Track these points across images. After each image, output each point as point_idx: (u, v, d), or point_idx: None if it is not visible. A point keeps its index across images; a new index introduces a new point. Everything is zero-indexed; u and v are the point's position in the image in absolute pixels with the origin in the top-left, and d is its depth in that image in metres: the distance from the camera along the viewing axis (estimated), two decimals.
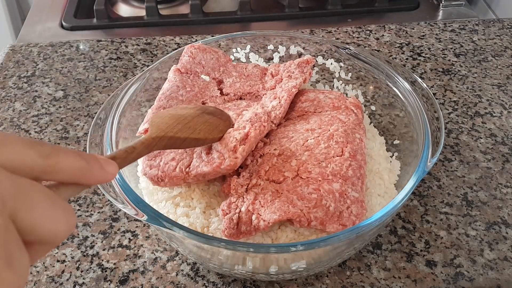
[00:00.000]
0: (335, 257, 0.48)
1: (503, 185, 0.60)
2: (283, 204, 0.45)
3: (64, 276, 0.51)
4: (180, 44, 0.84)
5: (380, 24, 0.89)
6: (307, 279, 0.51)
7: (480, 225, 0.56)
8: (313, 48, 0.64)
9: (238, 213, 0.46)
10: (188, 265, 0.52)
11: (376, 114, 0.62)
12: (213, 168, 0.46)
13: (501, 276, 0.51)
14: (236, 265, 0.46)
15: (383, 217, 0.43)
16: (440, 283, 0.50)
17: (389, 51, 0.83)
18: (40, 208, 0.24)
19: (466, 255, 0.53)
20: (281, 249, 0.41)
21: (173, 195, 0.50)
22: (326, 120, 0.54)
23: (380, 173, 0.54)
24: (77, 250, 0.53)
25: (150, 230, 0.55)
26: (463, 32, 0.87)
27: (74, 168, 0.27)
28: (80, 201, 0.58)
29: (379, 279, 0.51)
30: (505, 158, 0.64)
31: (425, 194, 0.59)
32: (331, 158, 0.50)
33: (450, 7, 0.97)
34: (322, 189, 0.47)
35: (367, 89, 0.63)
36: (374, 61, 0.60)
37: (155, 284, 0.50)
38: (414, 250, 0.53)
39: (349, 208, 0.47)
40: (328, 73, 0.65)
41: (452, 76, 0.77)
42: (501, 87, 0.75)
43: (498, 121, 0.70)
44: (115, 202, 0.44)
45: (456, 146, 0.66)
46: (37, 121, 0.69)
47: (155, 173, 0.49)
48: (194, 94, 0.57)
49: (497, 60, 0.81)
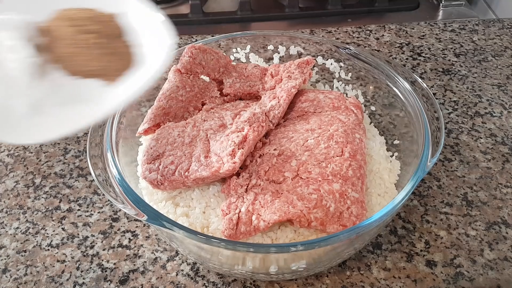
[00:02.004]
0: (335, 257, 0.48)
1: (503, 185, 0.60)
2: (283, 205, 0.45)
3: (64, 276, 0.51)
4: (180, 44, 0.84)
5: (380, 24, 0.89)
6: (307, 279, 0.51)
7: (480, 225, 0.56)
8: (313, 48, 0.64)
9: (238, 214, 0.46)
10: (188, 265, 0.52)
11: (376, 114, 0.62)
12: (212, 173, 0.47)
13: (501, 276, 0.51)
14: (236, 265, 0.46)
15: (383, 217, 0.43)
16: (440, 283, 0.50)
17: (389, 51, 0.83)
18: None
19: (466, 255, 0.53)
20: (281, 249, 0.41)
21: (173, 195, 0.51)
22: (326, 120, 0.54)
23: (380, 173, 0.54)
24: (77, 250, 0.53)
25: (150, 230, 0.55)
26: (463, 32, 0.87)
27: None
28: (80, 201, 0.58)
29: (379, 279, 0.51)
30: (505, 158, 0.64)
31: (425, 194, 0.59)
32: (331, 158, 0.50)
33: (450, 7, 0.97)
34: (322, 189, 0.47)
35: (367, 89, 0.63)
36: (374, 61, 0.60)
37: (155, 284, 0.50)
38: (414, 250, 0.53)
39: (349, 209, 0.47)
40: (328, 73, 0.65)
41: (452, 76, 0.77)
42: (501, 87, 0.75)
43: (498, 121, 0.70)
44: (115, 202, 0.44)
45: (456, 146, 0.66)
46: None
47: (154, 177, 0.49)
48: (194, 94, 0.57)
49: (497, 60, 0.81)
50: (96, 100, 0.38)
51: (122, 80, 0.39)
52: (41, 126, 0.37)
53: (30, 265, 0.52)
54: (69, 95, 0.38)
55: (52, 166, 0.62)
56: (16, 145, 0.36)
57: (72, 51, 0.39)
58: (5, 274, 0.51)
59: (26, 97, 0.37)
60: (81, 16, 0.40)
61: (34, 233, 0.55)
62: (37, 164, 0.63)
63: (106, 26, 0.40)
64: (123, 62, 0.39)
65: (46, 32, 0.39)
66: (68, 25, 0.39)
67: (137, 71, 0.39)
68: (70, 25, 0.39)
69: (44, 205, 0.58)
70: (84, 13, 0.40)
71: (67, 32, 0.39)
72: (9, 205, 0.58)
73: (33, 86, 0.37)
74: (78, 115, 0.38)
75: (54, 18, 0.40)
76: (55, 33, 0.39)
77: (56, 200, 0.58)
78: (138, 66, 0.40)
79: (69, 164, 0.63)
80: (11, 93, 0.37)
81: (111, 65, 0.39)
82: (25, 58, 0.36)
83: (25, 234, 0.55)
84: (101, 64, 0.39)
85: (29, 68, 0.36)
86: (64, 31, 0.39)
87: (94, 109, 0.38)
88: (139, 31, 0.41)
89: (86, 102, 0.38)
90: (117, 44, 0.40)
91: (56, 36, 0.39)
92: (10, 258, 0.52)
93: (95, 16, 0.40)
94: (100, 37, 0.39)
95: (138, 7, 0.42)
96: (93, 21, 0.39)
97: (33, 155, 0.64)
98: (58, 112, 0.38)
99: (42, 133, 0.37)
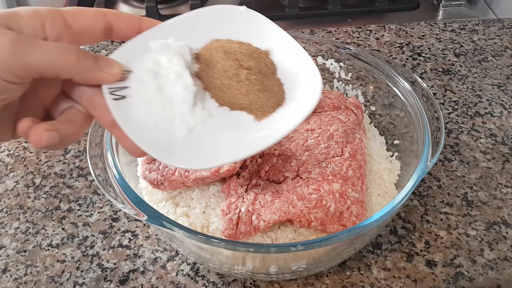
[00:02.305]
0: (335, 257, 0.48)
1: (503, 185, 0.60)
2: (283, 205, 0.45)
3: (64, 276, 0.51)
4: None
5: (380, 24, 0.89)
6: (307, 279, 0.51)
7: (480, 225, 0.56)
8: (313, 48, 0.64)
9: (238, 214, 0.46)
10: (188, 265, 0.52)
11: (376, 114, 0.62)
12: (212, 173, 0.47)
13: (501, 276, 0.51)
14: (236, 265, 0.46)
15: (383, 217, 0.43)
16: (440, 283, 0.50)
17: (389, 51, 0.83)
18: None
19: (466, 255, 0.53)
20: (281, 249, 0.41)
21: (173, 195, 0.51)
22: (326, 120, 0.54)
23: (380, 173, 0.54)
24: (77, 250, 0.53)
25: (150, 230, 0.55)
26: (463, 32, 0.87)
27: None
28: (80, 201, 0.58)
29: (379, 279, 0.51)
30: (505, 158, 0.64)
31: (425, 194, 0.59)
32: (331, 158, 0.50)
33: (450, 7, 0.97)
34: (322, 189, 0.47)
35: (367, 89, 0.63)
36: (374, 61, 0.60)
37: (155, 284, 0.50)
38: (414, 250, 0.53)
39: (350, 209, 0.47)
40: (328, 73, 0.65)
41: (452, 76, 0.77)
42: (501, 87, 0.75)
43: (498, 121, 0.70)
44: (115, 202, 0.44)
45: (456, 146, 0.66)
46: None
47: (154, 177, 0.49)
48: None
49: (497, 60, 0.81)
50: (245, 134, 0.38)
51: (272, 117, 0.39)
52: (198, 153, 0.37)
53: (30, 265, 0.52)
54: (220, 124, 0.39)
55: (52, 166, 0.62)
56: (181, 168, 0.37)
57: (222, 82, 0.39)
58: (5, 274, 0.51)
59: (184, 121, 0.38)
60: (237, 49, 0.40)
61: (34, 233, 0.55)
62: (37, 164, 0.63)
63: (260, 63, 0.40)
64: (273, 99, 0.39)
65: (200, 60, 0.40)
66: (222, 57, 0.39)
67: (287, 110, 0.39)
68: (225, 57, 0.39)
69: (44, 205, 0.58)
70: (239, 47, 0.40)
71: (221, 63, 0.39)
72: (9, 205, 0.58)
73: (191, 112, 0.38)
74: (227, 146, 0.38)
75: (208, 47, 0.40)
76: (208, 62, 0.40)
77: (56, 200, 0.58)
78: (289, 105, 0.39)
79: (69, 164, 0.63)
80: (172, 117, 0.38)
81: (261, 101, 0.39)
82: (186, 84, 0.37)
83: (25, 234, 0.55)
84: (251, 99, 0.39)
85: (189, 94, 0.37)
86: (218, 62, 0.39)
87: (242, 143, 0.38)
88: (291, 69, 0.41)
89: (235, 135, 0.38)
90: (268, 82, 0.40)
91: (208, 65, 0.40)
92: (10, 258, 0.52)
93: (251, 51, 0.40)
94: (252, 74, 0.39)
95: (290, 44, 0.42)
96: (248, 57, 0.40)
97: (33, 155, 0.64)
98: (211, 141, 0.38)
99: (198, 159, 0.37)
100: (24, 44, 0.31)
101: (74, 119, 0.36)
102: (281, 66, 0.41)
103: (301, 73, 0.40)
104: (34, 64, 0.31)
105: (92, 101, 0.36)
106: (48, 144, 0.33)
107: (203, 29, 0.41)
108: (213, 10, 0.41)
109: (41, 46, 0.32)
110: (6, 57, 0.30)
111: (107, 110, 0.36)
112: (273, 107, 0.39)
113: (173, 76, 0.37)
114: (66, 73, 0.33)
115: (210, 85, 0.39)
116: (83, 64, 0.34)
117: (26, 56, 0.31)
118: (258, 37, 0.41)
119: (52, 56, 0.32)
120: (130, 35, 0.38)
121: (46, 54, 0.32)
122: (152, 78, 0.37)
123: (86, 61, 0.34)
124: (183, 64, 0.38)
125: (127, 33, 0.38)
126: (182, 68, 0.37)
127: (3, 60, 0.30)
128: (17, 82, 0.32)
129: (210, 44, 0.41)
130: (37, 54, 0.31)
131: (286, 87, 0.40)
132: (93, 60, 0.34)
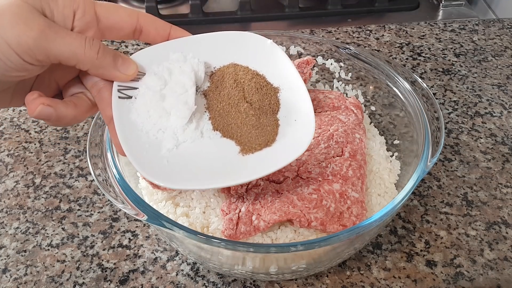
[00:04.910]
0: (335, 257, 0.48)
1: (503, 185, 0.60)
2: (283, 205, 0.45)
3: (64, 276, 0.51)
4: None
5: (380, 24, 0.89)
6: (307, 279, 0.51)
7: (480, 225, 0.56)
8: (313, 48, 0.64)
9: (238, 214, 0.46)
10: (188, 265, 0.52)
11: (376, 114, 0.62)
12: None
13: (501, 276, 0.51)
14: (236, 265, 0.46)
15: (383, 217, 0.43)
16: (440, 283, 0.50)
17: (389, 51, 0.83)
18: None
19: (466, 255, 0.53)
20: (281, 249, 0.41)
21: (173, 195, 0.51)
22: (326, 120, 0.54)
23: (380, 173, 0.54)
24: (77, 250, 0.53)
25: (150, 230, 0.55)
26: (463, 32, 0.87)
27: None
28: (80, 201, 0.58)
29: (379, 279, 0.51)
30: (505, 158, 0.64)
31: (425, 194, 0.59)
32: (331, 158, 0.50)
33: (450, 7, 0.97)
34: (322, 189, 0.47)
35: (367, 89, 0.63)
36: (374, 61, 0.60)
37: (155, 284, 0.50)
38: (414, 250, 0.53)
39: (350, 209, 0.47)
40: (328, 73, 0.65)
41: (452, 76, 0.77)
42: (501, 87, 0.75)
43: (498, 121, 0.70)
44: (115, 202, 0.44)
45: (456, 146, 0.66)
46: (37, 121, 0.69)
47: None
48: None
49: (497, 60, 0.81)
50: (225, 165, 0.39)
51: (255, 155, 0.39)
52: (175, 171, 0.38)
53: (30, 265, 0.52)
54: (207, 147, 0.39)
55: (52, 166, 0.62)
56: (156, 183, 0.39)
57: (223, 108, 0.39)
58: (5, 274, 0.51)
59: (174, 135, 0.38)
60: (246, 81, 0.40)
61: (34, 233, 0.55)
62: (37, 164, 0.63)
63: (264, 100, 0.40)
64: (263, 138, 0.40)
65: (213, 80, 0.40)
66: (231, 84, 0.40)
67: (272, 153, 0.39)
68: (233, 85, 0.40)
69: (44, 205, 0.58)
70: (251, 79, 0.40)
71: (228, 89, 0.40)
72: (9, 205, 0.58)
73: (183, 128, 0.38)
74: (205, 172, 0.38)
75: (224, 70, 0.41)
76: (218, 84, 0.40)
77: (56, 200, 0.58)
78: (275, 149, 0.40)
79: (69, 164, 0.63)
80: (165, 128, 0.38)
81: (251, 137, 0.39)
82: (187, 101, 0.38)
83: (25, 234, 0.55)
84: (242, 132, 0.39)
85: (187, 111, 0.38)
86: (226, 87, 0.40)
87: (219, 173, 0.38)
88: (292, 112, 0.41)
89: (216, 163, 0.39)
90: (264, 120, 0.40)
91: (218, 86, 0.40)
92: (10, 258, 0.52)
93: (260, 86, 0.40)
94: (252, 108, 0.39)
95: (300, 87, 0.42)
96: (254, 90, 0.40)
97: (33, 155, 0.64)
98: (192, 161, 0.38)
99: (173, 178, 0.37)
100: (51, 33, 0.32)
101: (79, 104, 0.37)
102: (284, 107, 0.42)
103: (299, 120, 0.41)
104: (55, 52, 0.33)
105: (101, 93, 0.37)
106: (40, 116, 0.34)
107: (227, 51, 0.42)
108: (242, 35, 0.43)
109: (66, 37, 0.33)
110: (31, 41, 0.32)
111: (110, 105, 0.37)
112: (261, 145, 0.39)
113: (178, 89, 0.38)
114: (83, 66, 0.35)
115: (213, 107, 0.40)
116: (101, 61, 0.35)
117: (49, 43, 0.32)
118: (274, 71, 0.42)
119: (74, 48, 0.33)
120: (157, 40, 0.40)
121: (69, 46, 0.33)
122: (159, 86, 0.38)
123: (105, 58, 0.35)
124: (193, 79, 0.38)
125: (155, 38, 0.39)
126: (190, 83, 0.38)
127: (27, 44, 0.32)
128: (36, 64, 0.33)
129: (227, 67, 0.41)
130: (60, 44, 0.33)
131: (280, 129, 0.41)
132: (112, 58, 0.36)
